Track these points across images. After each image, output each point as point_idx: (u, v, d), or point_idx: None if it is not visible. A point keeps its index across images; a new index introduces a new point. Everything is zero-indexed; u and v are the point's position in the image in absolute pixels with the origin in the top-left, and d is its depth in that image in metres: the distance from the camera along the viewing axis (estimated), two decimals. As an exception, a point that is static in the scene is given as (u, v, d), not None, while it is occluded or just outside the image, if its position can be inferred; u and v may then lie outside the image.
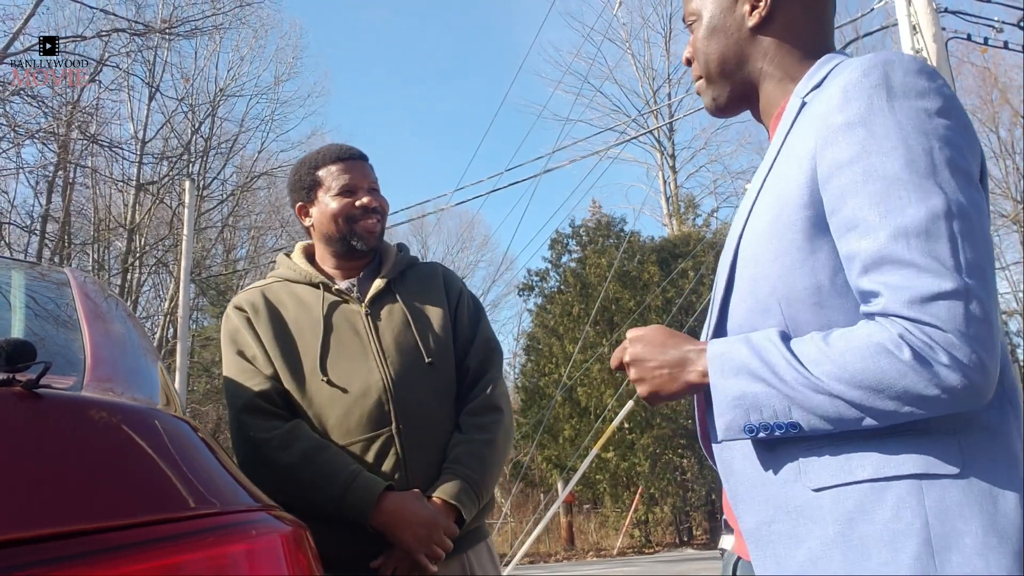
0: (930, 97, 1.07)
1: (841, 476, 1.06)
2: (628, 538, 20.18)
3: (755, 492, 1.16)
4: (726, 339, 1.16)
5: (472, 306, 2.13)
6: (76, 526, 0.75)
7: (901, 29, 8.18)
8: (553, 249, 22.99)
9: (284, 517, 0.96)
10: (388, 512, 1.81)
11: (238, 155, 24.17)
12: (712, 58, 1.34)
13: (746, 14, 1.31)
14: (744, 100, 1.36)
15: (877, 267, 1.03)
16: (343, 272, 2.10)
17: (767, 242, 1.15)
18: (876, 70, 1.09)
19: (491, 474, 1.96)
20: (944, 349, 0.98)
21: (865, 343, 1.02)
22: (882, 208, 1.03)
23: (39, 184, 19.08)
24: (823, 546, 1.06)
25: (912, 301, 0.99)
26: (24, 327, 1.39)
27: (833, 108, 1.11)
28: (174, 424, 0.96)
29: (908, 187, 1.02)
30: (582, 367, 19.28)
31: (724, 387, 1.11)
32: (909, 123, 1.05)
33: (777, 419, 1.07)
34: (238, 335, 1.99)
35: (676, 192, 29.28)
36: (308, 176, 2.09)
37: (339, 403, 1.90)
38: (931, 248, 1.00)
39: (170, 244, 20.31)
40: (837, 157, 1.08)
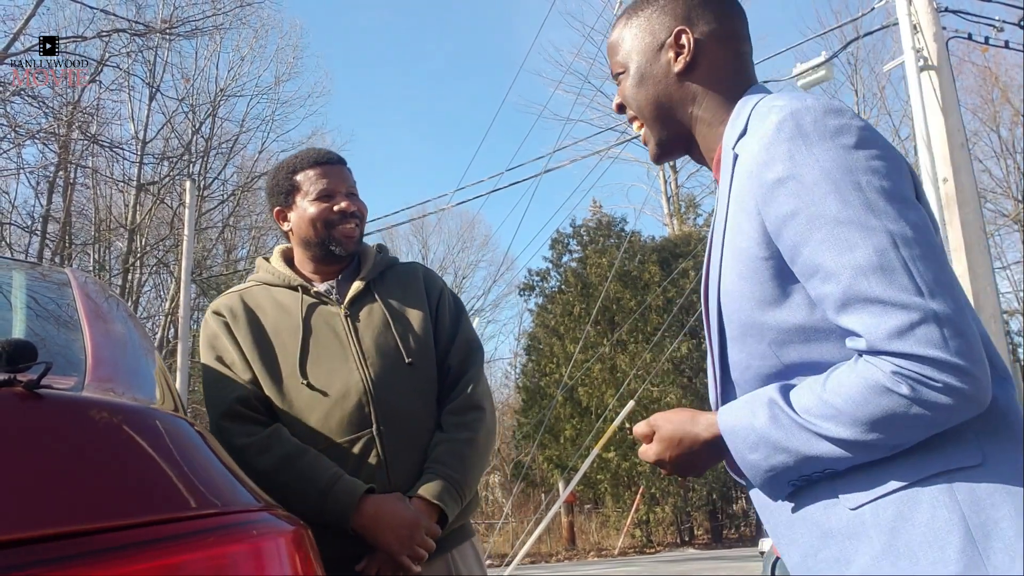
0: (845, 134, 1.12)
1: (875, 490, 1.09)
2: (629, 538, 20.18)
3: (795, 525, 1.19)
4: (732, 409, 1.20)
5: (453, 305, 2.13)
6: (77, 526, 0.75)
7: (902, 28, 8.18)
8: (554, 249, 23.00)
9: (286, 517, 0.96)
10: (369, 515, 1.80)
11: (239, 155, 24.20)
12: (644, 105, 1.38)
13: (671, 60, 1.35)
14: (683, 144, 1.40)
15: (847, 307, 1.07)
16: (322, 275, 2.09)
17: (744, 298, 1.20)
18: (787, 123, 1.14)
19: (473, 473, 1.95)
20: (935, 374, 1.02)
21: (863, 386, 1.06)
22: (833, 251, 1.08)
23: (40, 184, 19.12)
24: (872, 560, 1.08)
25: (890, 336, 1.03)
26: (25, 327, 1.39)
27: (760, 165, 1.16)
28: (175, 424, 0.96)
29: (851, 227, 1.07)
30: (583, 367, 19.27)
31: (752, 462, 1.16)
32: (833, 165, 1.10)
33: (813, 471, 1.12)
34: (216, 341, 1.98)
35: (677, 192, 29.29)
36: (286, 181, 2.08)
37: (319, 406, 1.89)
38: (890, 281, 1.04)
39: (171, 244, 20.32)
40: (779, 212, 1.13)
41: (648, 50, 1.37)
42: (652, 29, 1.37)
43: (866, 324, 1.05)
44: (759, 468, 1.16)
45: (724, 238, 1.25)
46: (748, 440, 1.16)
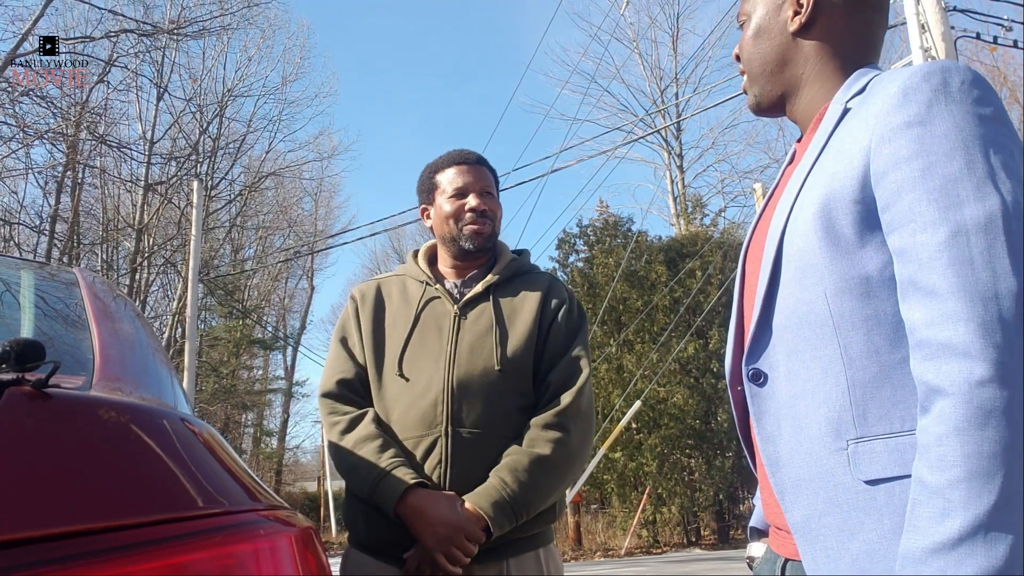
0: (986, 105, 1.10)
1: (896, 469, 1.06)
2: (636, 538, 20.16)
3: (802, 485, 1.15)
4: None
5: (573, 321, 2.09)
6: (84, 525, 0.76)
7: (910, 28, 8.15)
8: (560, 249, 22.97)
9: (292, 517, 0.96)
10: (411, 506, 1.83)
11: (246, 155, 24.29)
12: (755, 59, 1.39)
13: (789, 18, 1.35)
14: (783, 102, 1.40)
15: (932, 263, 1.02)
16: (457, 272, 2.17)
17: (814, 235, 1.16)
18: (936, 75, 1.12)
19: (536, 491, 1.88)
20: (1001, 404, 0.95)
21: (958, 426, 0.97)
22: (941, 204, 1.04)
23: (48, 184, 19.19)
24: (880, 538, 1.05)
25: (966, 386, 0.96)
26: (33, 327, 1.40)
27: (892, 108, 1.12)
28: (182, 424, 0.96)
29: (967, 186, 1.04)
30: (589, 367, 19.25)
31: None
32: (968, 126, 1.07)
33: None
34: (347, 323, 2.14)
35: (683, 191, 29.25)
36: (428, 180, 2.21)
37: (404, 398, 1.97)
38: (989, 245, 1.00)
39: (178, 244, 20.37)
40: (895, 153, 1.10)
41: (771, 3, 1.37)
42: None
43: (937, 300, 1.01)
44: None
45: (804, 184, 1.22)
46: None
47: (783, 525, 1.24)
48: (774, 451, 1.20)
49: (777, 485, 1.20)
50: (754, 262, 1.31)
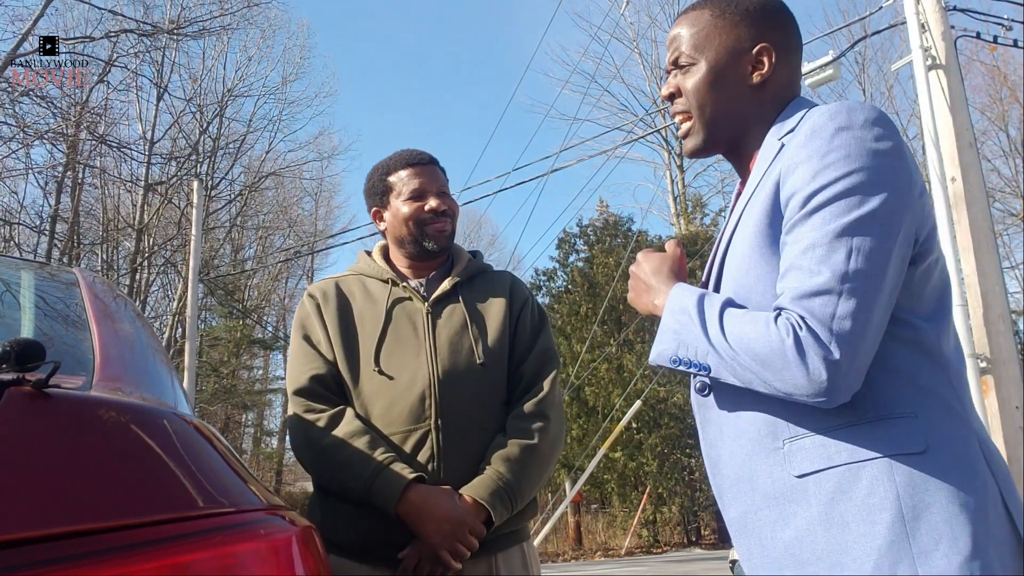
0: (882, 141, 1.21)
1: (821, 462, 1.20)
2: (636, 538, 20.17)
3: (740, 485, 1.29)
4: (690, 287, 1.35)
5: (537, 317, 2.16)
6: (85, 525, 0.76)
7: (910, 27, 8.15)
8: (560, 248, 23.00)
9: (292, 517, 0.96)
10: (413, 503, 1.82)
11: (246, 155, 24.26)
12: (708, 106, 1.43)
13: (748, 73, 1.41)
14: (725, 146, 1.47)
15: (786, 273, 1.21)
16: (415, 272, 2.16)
17: (744, 260, 1.30)
18: (841, 115, 1.23)
19: (529, 480, 1.93)
20: (812, 340, 1.14)
21: (766, 326, 1.18)
22: (807, 226, 1.20)
23: (48, 184, 19.19)
24: (808, 525, 1.19)
25: (796, 297, 1.17)
26: (34, 327, 1.40)
27: (800, 144, 1.25)
28: (183, 424, 0.96)
29: (833, 210, 1.18)
30: (589, 366, 19.27)
31: (668, 320, 1.31)
32: (857, 159, 1.20)
33: (696, 359, 1.25)
34: (307, 321, 2.08)
35: (683, 191, 29.25)
36: (380, 182, 2.18)
37: (386, 394, 1.95)
38: (827, 256, 1.16)
39: (178, 244, 20.36)
40: (794, 184, 1.23)
41: (728, 54, 1.41)
42: (737, 35, 1.41)
43: (788, 286, 1.19)
44: (669, 327, 1.30)
45: (743, 214, 1.34)
46: (679, 305, 1.31)
47: None
48: (716, 454, 1.35)
49: (716, 487, 1.36)
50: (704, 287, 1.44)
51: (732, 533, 1.31)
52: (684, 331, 1.27)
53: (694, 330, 1.26)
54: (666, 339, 1.30)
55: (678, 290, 1.34)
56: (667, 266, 1.43)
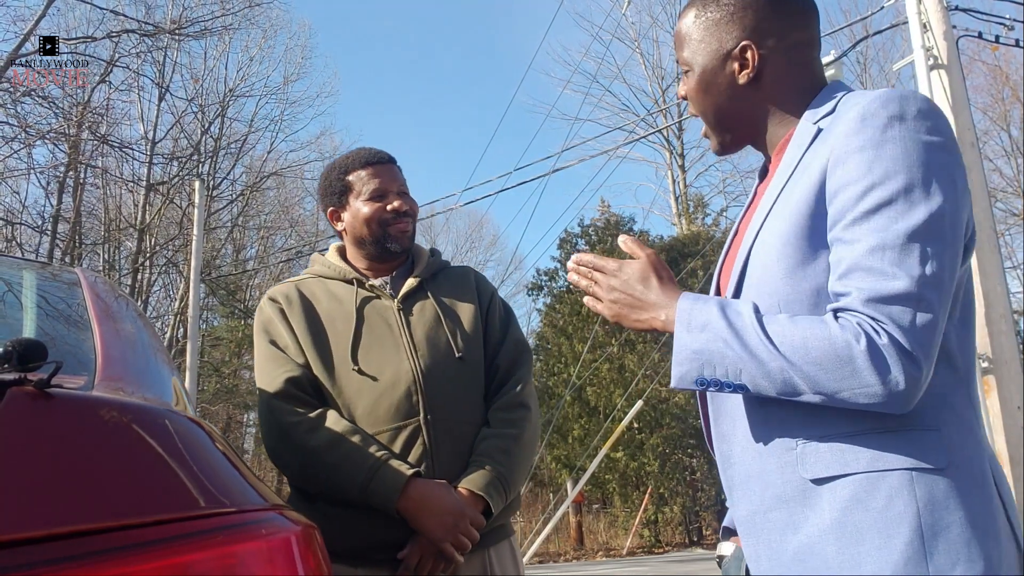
0: (935, 133, 1.16)
1: (838, 468, 1.15)
2: (637, 538, 20.16)
3: (751, 482, 1.24)
4: (698, 296, 1.25)
5: (503, 310, 2.17)
6: (86, 525, 0.76)
7: (912, 27, 8.14)
8: (562, 248, 22.98)
9: (294, 517, 0.96)
10: (414, 499, 1.81)
11: (247, 155, 24.25)
12: (709, 111, 1.41)
13: (735, 72, 1.37)
14: (745, 142, 1.45)
15: (850, 274, 1.14)
16: (375, 272, 2.13)
17: (775, 250, 1.23)
18: (893, 103, 1.17)
19: (519, 469, 1.96)
20: (892, 348, 1.09)
21: (829, 329, 1.12)
22: (871, 224, 1.13)
23: (50, 185, 19.20)
24: (820, 533, 1.14)
25: (871, 299, 1.11)
26: (35, 327, 1.40)
27: (850, 132, 1.19)
28: (184, 424, 0.96)
29: (899, 208, 1.12)
30: (591, 367, 19.26)
31: (686, 340, 1.20)
32: (915, 152, 1.14)
33: (728, 378, 1.17)
34: (271, 325, 2.02)
35: (685, 191, 29.24)
36: (338, 181, 2.12)
37: (368, 392, 1.92)
38: (901, 260, 1.11)
39: (180, 244, 20.36)
40: (845, 175, 1.17)
41: (713, 57, 1.38)
42: (719, 36, 1.37)
43: (856, 287, 1.12)
44: (688, 347, 1.19)
45: (776, 201, 1.28)
46: (697, 320, 1.20)
47: None
48: (728, 449, 1.30)
49: (727, 481, 1.31)
50: (726, 277, 1.37)
51: (740, 532, 1.27)
52: (709, 348, 1.18)
53: (722, 345, 1.17)
54: (687, 359, 1.20)
55: (687, 302, 1.24)
56: (653, 274, 1.31)
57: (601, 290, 1.33)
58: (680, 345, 1.21)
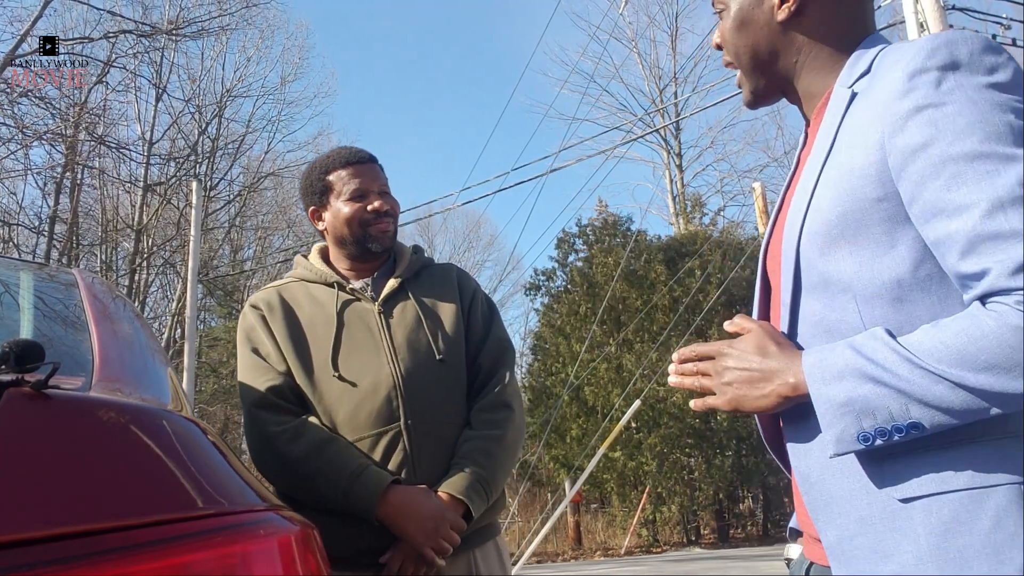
0: (1000, 71, 1.02)
1: (933, 486, 1.00)
2: (635, 537, 20.16)
3: (835, 505, 1.10)
4: (822, 347, 1.08)
5: (486, 306, 2.15)
6: (85, 526, 0.76)
7: (908, 26, 8.15)
8: (560, 248, 22.97)
9: (292, 517, 0.96)
10: (394, 505, 1.81)
11: (245, 156, 24.22)
12: (742, 52, 1.29)
13: (775, 7, 1.25)
14: (779, 92, 1.32)
15: (976, 247, 0.97)
16: (357, 272, 2.12)
17: (839, 239, 1.10)
18: (941, 50, 1.04)
19: (501, 470, 1.95)
20: None
21: (984, 323, 0.94)
22: (969, 186, 0.97)
23: (47, 185, 19.17)
24: (916, 560, 1.00)
25: (1018, 270, 0.93)
26: (33, 328, 1.39)
27: (899, 94, 1.06)
28: (182, 424, 0.96)
29: (992, 160, 0.97)
30: (589, 366, 19.26)
31: (827, 394, 1.03)
32: (982, 99, 1.00)
33: (894, 421, 0.99)
34: (253, 333, 2.02)
35: (683, 191, 29.25)
36: (319, 181, 2.11)
37: (349, 398, 1.92)
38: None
39: (177, 245, 20.34)
40: (910, 143, 1.03)
41: None
42: None
43: (997, 260, 0.94)
44: (833, 401, 1.02)
45: (819, 179, 1.15)
46: (831, 370, 1.03)
47: (812, 532, 1.20)
48: (806, 468, 1.15)
49: (811, 504, 1.15)
50: (774, 263, 1.24)
51: (829, 558, 1.11)
52: (858, 395, 1.00)
53: (873, 387, 0.99)
54: (837, 417, 1.02)
55: (814, 356, 1.07)
56: (770, 341, 1.14)
57: (712, 378, 1.17)
58: (822, 404, 1.03)
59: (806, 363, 1.07)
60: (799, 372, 1.07)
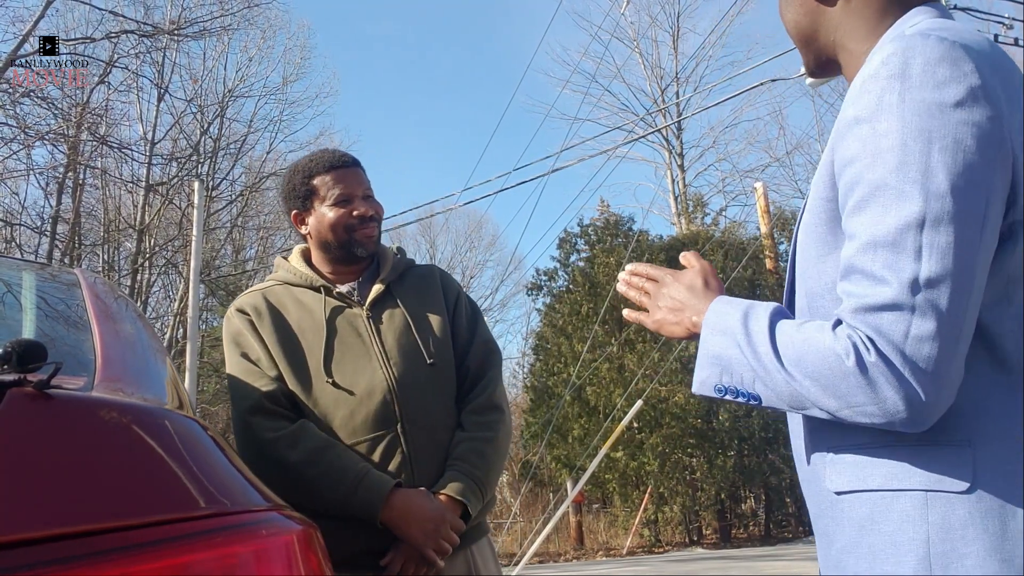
0: (948, 87, 0.98)
1: (856, 483, 1.07)
2: (637, 538, 20.16)
3: (805, 486, 1.20)
4: (731, 299, 1.18)
5: (470, 309, 2.17)
6: (86, 526, 0.76)
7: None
8: (561, 248, 22.97)
9: (294, 516, 0.96)
10: (397, 508, 1.84)
11: (247, 156, 24.22)
12: (789, 27, 1.29)
13: None
14: (829, 68, 1.29)
15: (848, 275, 1.02)
16: (341, 276, 2.12)
17: (805, 235, 1.15)
18: (896, 58, 1.02)
19: (494, 471, 2.00)
20: (883, 366, 0.96)
21: (822, 341, 1.01)
22: (864, 215, 1.00)
23: (49, 185, 19.18)
24: (843, 549, 1.09)
25: (859, 309, 0.99)
26: (35, 328, 1.40)
27: (851, 98, 1.06)
28: (184, 424, 0.96)
29: (891, 194, 0.98)
30: (591, 366, 19.26)
31: (708, 342, 1.14)
32: (914, 120, 0.98)
33: (743, 386, 1.09)
34: (241, 337, 2.01)
35: (684, 191, 29.23)
36: (303, 185, 2.09)
37: (344, 404, 1.93)
38: (893, 260, 0.96)
39: (179, 245, 20.36)
40: (844, 154, 1.05)
41: None
42: None
43: (848, 293, 1.01)
44: (709, 351, 1.14)
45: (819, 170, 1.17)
46: (720, 324, 1.14)
47: None
48: (794, 448, 1.24)
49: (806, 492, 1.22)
50: None
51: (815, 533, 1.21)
52: (727, 354, 1.10)
53: (738, 352, 1.09)
54: (707, 364, 1.13)
55: (719, 304, 1.17)
56: (700, 280, 1.26)
57: (651, 298, 1.31)
58: (702, 347, 1.15)
59: (709, 309, 1.18)
60: (703, 313, 1.19)
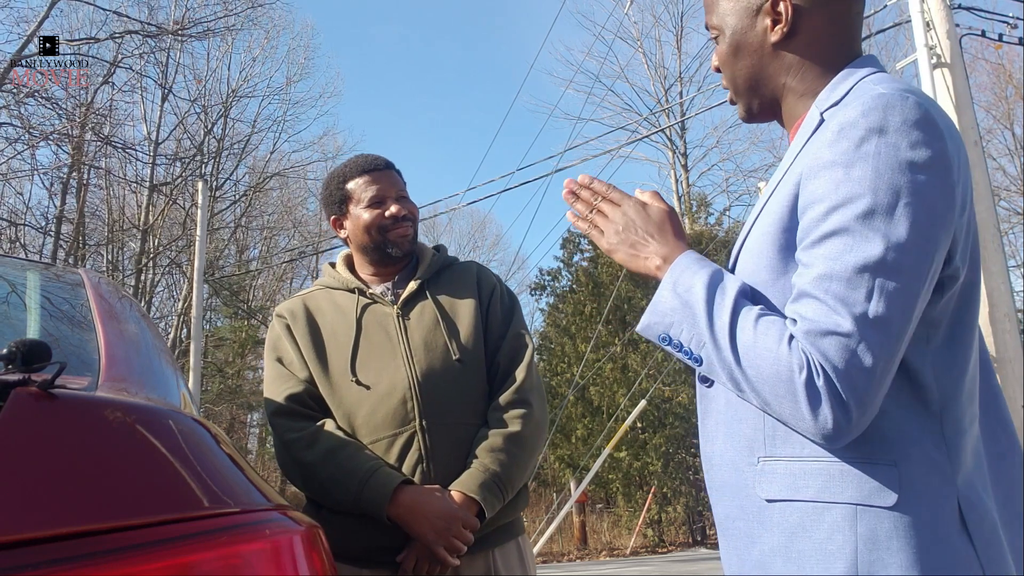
0: (919, 149, 1.07)
1: (788, 492, 1.13)
2: (641, 537, 20.15)
3: (725, 489, 1.24)
4: (701, 259, 1.22)
5: (506, 302, 2.16)
6: (90, 525, 0.76)
7: (915, 26, 8.13)
8: (565, 248, 22.99)
9: (297, 517, 0.96)
10: (404, 505, 1.84)
11: (250, 156, 24.32)
12: (738, 76, 1.32)
13: (767, 29, 1.27)
14: (771, 111, 1.35)
15: (799, 299, 1.09)
16: (380, 277, 2.16)
17: (753, 256, 1.20)
18: (876, 113, 1.09)
19: (517, 467, 1.94)
20: (827, 389, 1.04)
21: (779, 350, 1.07)
22: (825, 250, 1.08)
23: (53, 185, 19.24)
24: (770, 552, 1.14)
25: (810, 333, 1.06)
26: (39, 328, 1.40)
27: (826, 143, 1.12)
28: (188, 424, 0.97)
29: (855, 237, 1.06)
30: (594, 366, 19.25)
31: (668, 295, 1.20)
32: (887, 172, 1.06)
33: (689, 346, 1.16)
34: (279, 342, 2.08)
35: (688, 190, 29.19)
36: (338, 191, 2.16)
37: (366, 402, 1.95)
38: (846, 295, 1.05)
39: (183, 245, 20.40)
40: (814, 191, 1.11)
41: (744, 15, 1.29)
42: None
43: (800, 315, 1.08)
44: (667, 304, 1.19)
45: (768, 199, 1.22)
46: (685, 282, 1.18)
47: None
48: (710, 451, 1.28)
49: (709, 482, 1.29)
50: None
51: (718, 531, 1.28)
52: (684, 313, 1.16)
53: (697, 317, 1.14)
54: (660, 313, 1.20)
55: (687, 260, 1.22)
56: (669, 224, 1.29)
57: (607, 219, 1.32)
58: (661, 296, 1.21)
59: (677, 262, 1.22)
60: (670, 260, 1.23)
